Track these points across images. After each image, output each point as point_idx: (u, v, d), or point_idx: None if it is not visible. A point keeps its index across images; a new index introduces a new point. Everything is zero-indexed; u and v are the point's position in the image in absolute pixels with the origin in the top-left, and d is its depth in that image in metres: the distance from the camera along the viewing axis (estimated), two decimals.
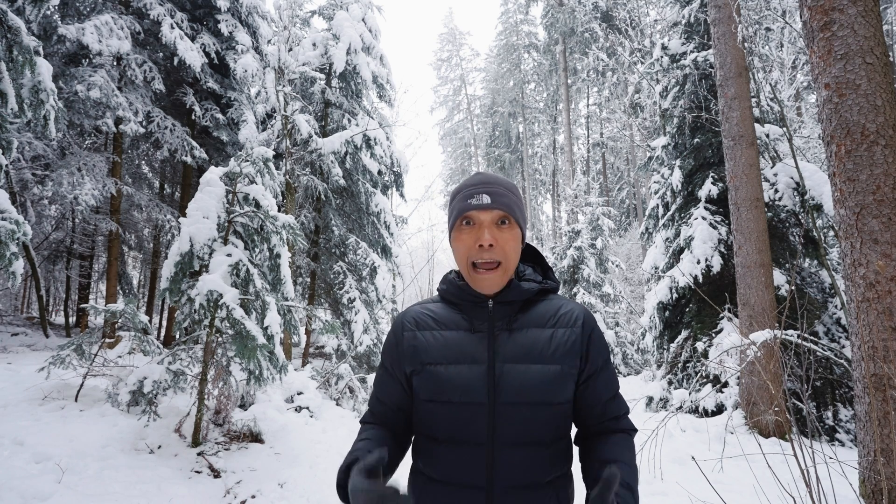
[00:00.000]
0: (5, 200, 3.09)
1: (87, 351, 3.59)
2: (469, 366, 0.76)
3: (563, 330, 0.79)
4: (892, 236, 2.15)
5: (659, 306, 5.94)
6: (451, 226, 0.83)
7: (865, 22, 2.24)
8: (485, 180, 0.81)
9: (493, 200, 0.78)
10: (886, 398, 2.07)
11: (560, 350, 0.78)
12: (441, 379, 0.77)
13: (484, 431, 0.74)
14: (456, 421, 0.76)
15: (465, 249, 0.78)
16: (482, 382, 0.75)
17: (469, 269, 0.79)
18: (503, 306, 0.80)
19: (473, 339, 0.79)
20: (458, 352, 0.78)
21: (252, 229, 3.57)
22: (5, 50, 3.26)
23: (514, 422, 0.74)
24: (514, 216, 0.80)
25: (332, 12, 8.12)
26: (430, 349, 0.80)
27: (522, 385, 0.75)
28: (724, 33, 4.67)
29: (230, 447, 3.37)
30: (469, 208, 0.78)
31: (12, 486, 2.38)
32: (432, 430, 0.78)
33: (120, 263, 8.92)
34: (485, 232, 0.77)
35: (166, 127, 7.08)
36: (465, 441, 0.75)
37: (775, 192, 5.17)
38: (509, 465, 0.74)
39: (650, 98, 9.46)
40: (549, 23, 20.48)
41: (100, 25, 6.15)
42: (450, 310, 0.84)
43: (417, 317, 0.85)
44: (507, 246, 0.78)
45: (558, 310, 0.82)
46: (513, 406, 0.74)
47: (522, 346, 0.77)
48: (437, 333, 0.81)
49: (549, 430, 0.76)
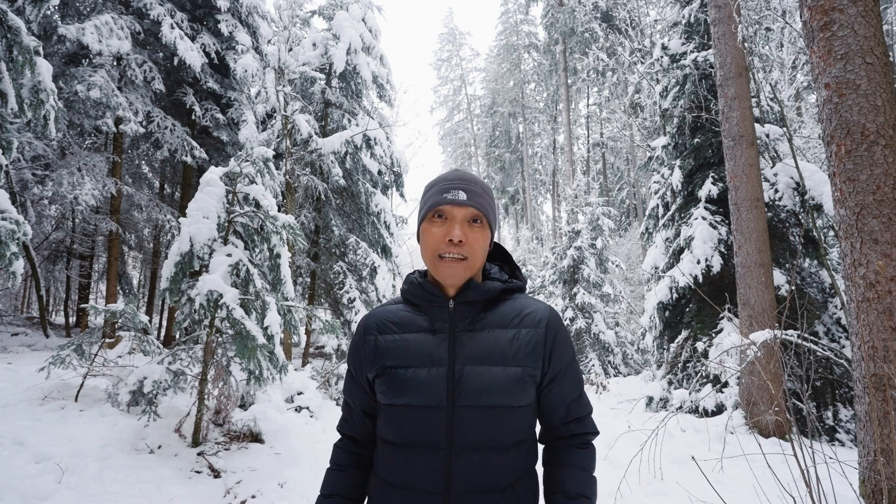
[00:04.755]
0: (5, 200, 3.09)
1: (87, 351, 3.59)
2: (428, 368, 0.75)
3: (526, 331, 0.78)
4: (892, 236, 2.15)
5: (659, 306, 5.94)
6: (421, 217, 0.81)
7: (865, 22, 2.24)
8: (462, 177, 0.80)
9: (469, 198, 0.77)
10: (886, 398, 2.07)
11: (522, 351, 0.76)
12: (400, 382, 0.76)
13: (441, 435, 0.73)
14: (414, 424, 0.74)
15: (433, 242, 0.77)
16: (441, 385, 0.74)
17: (434, 261, 0.77)
18: (464, 306, 0.78)
19: (434, 340, 0.77)
20: (418, 354, 0.77)
21: (252, 229, 3.57)
22: (5, 50, 3.26)
23: (474, 425, 0.73)
24: (486, 217, 0.79)
25: (332, 12, 8.12)
26: (390, 352, 0.78)
27: (482, 387, 0.73)
28: (724, 33, 4.67)
29: (230, 447, 3.37)
30: (443, 202, 0.77)
31: (12, 485, 2.38)
32: (391, 434, 0.77)
33: (120, 263, 8.92)
34: (456, 227, 0.76)
35: (166, 127, 7.08)
36: (423, 445, 0.74)
37: (775, 192, 5.17)
38: (467, 469, 0.72)
39: (650, 98, 9.46)
40: (549, 23, 20.49)
41: (100, 25, 6.15)
42: (412, 311, 0.82)
43: (379, 320, 0.83)
44: (476, 245, 0.77)
45: (522, 310, 0.80)
46: (472, 409, 0.73)
47: (484, 348, 0.76)
48: (399, 336, 0.79)
49: (510, 433, 0.75)
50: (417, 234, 0.82)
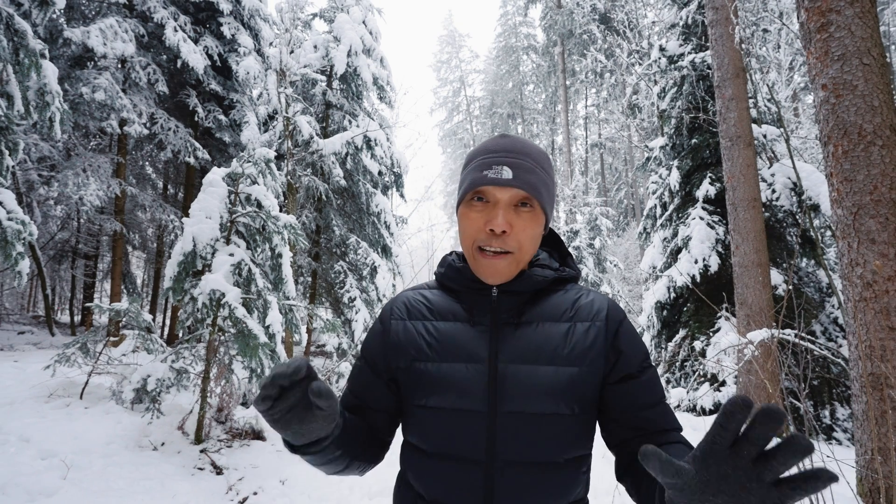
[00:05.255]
0: (12, 201, 3.13)
1: (92, 349, 3.63)
2: (465, 364, 0.63)
3: (582, 324, 0.65)
4: (889, 236, 2.17)
5: (657, 306, 5.97)
6: (459, 198, 0.67)
7: (862, 23, 2.26)
8: (508, 147, 0.64)
9: (515, 176, 0.61)
10: (884, 397, 2.08)
11: (579, 348, 0.63)
12: (431, 379, 0.64)
13: (481, 447, 0.61)
14: (447, 432, 0.62)
15: (472, 231, 0.63)
16: (480, 385, 0.62)
17: (474, 252, 0.64)
18: (510, 296, 0.66)
19: (473, 332, 0.65)
20: (452, 347, 0.65)
21: (254, 229, 3.61)
22: (12, 53, 3.30)
23: (519, 436, 0.60)
24: (538, 199, 0.63)
25: (333, 15, 8.18)
26: (420, 342, 0.66)
27: (530, 390, 0.61)
28: (721, 35, 4.71)
29: (232, 444, 3.40)
30: (483, 182, 0.62)
31: (18, 482, 2.41)
32: (420, 440, 0.65)
33: (124, 263, 8.96)
34: (499, 214, 0.61)
35: (170, 128, 7.14)
36: (459, 457, 0.61)
37: (773, 193, 5.19)
38: (512, 489, 0.60)
39: (648, 99, 9.50)
40: (547, 25, 20.56)
41: (105, 28, 6.21)
42: (448, 298, 0.70)
43: (409, 303, 0.71)
44: (524, 235, 0.63)
45: (576, 300, 0.68)
46: (517, 416, 0.61)
47: (532, 344, 0.63)
48: (431, 325, 0.67)
49: (562, 447, 0.62)
50: (457, 216, 0.68)
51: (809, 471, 0.36)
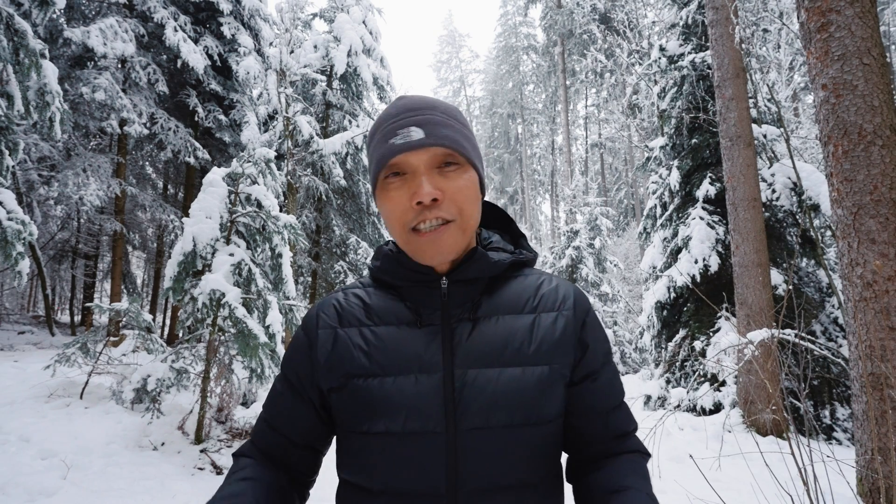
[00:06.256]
0: (12, 201, 3.13)
1: (92, 349, 3.64)
2: (416, 376, 0.52)
3: (548, 315, 0.56)
4: (889, 236, 2.17)
5: (657, 305, 5.97)
6: (371, 182, 0.56)
7: (862, 23, 2.27)
8: (411, 105, 0.53)
9: (428, 133, 0.51)
10: (884, 397, 2.09)
11: (546, 343, 0.54)
12: (373, 398, 0.52)
13: (441, 476, 0.50)
14: (398, 462, 0.51)
15: (398, 212, 0.52)
16: (435, 400, 0.51)
17: (408, 236, 0.52)
18: (462, 286, 0.55)
19: (421, 336, 0.54)
20: (398, 356, 0.53)
21: (254, 229, 3.61)
22: (12, 53, 3.30)
23: (486, 457, 0.50)
24: (463, 153, 0.52)
25: (333, 15, 8.18)
26: (357, 354, 0.54)
27: (494, 399, 0.51)
28: (721, 35, 4.71)
29: (232, 444, 3.40)
30: (392, 152, 0.51)
31: (18, 481, 2.41)
32: (363, 478, 0.53)
33: (124, 263, 8.97)
34: (423, 182, 0.50)
35: (170, 128, 7.14)
36: (414, 493, 0.50)
37: (773, 192, 5.19)
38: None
39: (648, 99, 9.50)
40: (547, 24, 20.58)
41: (105, 28, 6.22)
42: (387, 296, 0.58)
43: (340, 307, 0.58)
44: (460, 196, 0.52)
45: (538, 288, 0.58)
46: (482, 433, 0.50)
47: (492, 343, 0.53)
48: (368, 331, 0.55)
49: (537, 463, 0.53)
50: (377, 206, 0.57)
51: None
